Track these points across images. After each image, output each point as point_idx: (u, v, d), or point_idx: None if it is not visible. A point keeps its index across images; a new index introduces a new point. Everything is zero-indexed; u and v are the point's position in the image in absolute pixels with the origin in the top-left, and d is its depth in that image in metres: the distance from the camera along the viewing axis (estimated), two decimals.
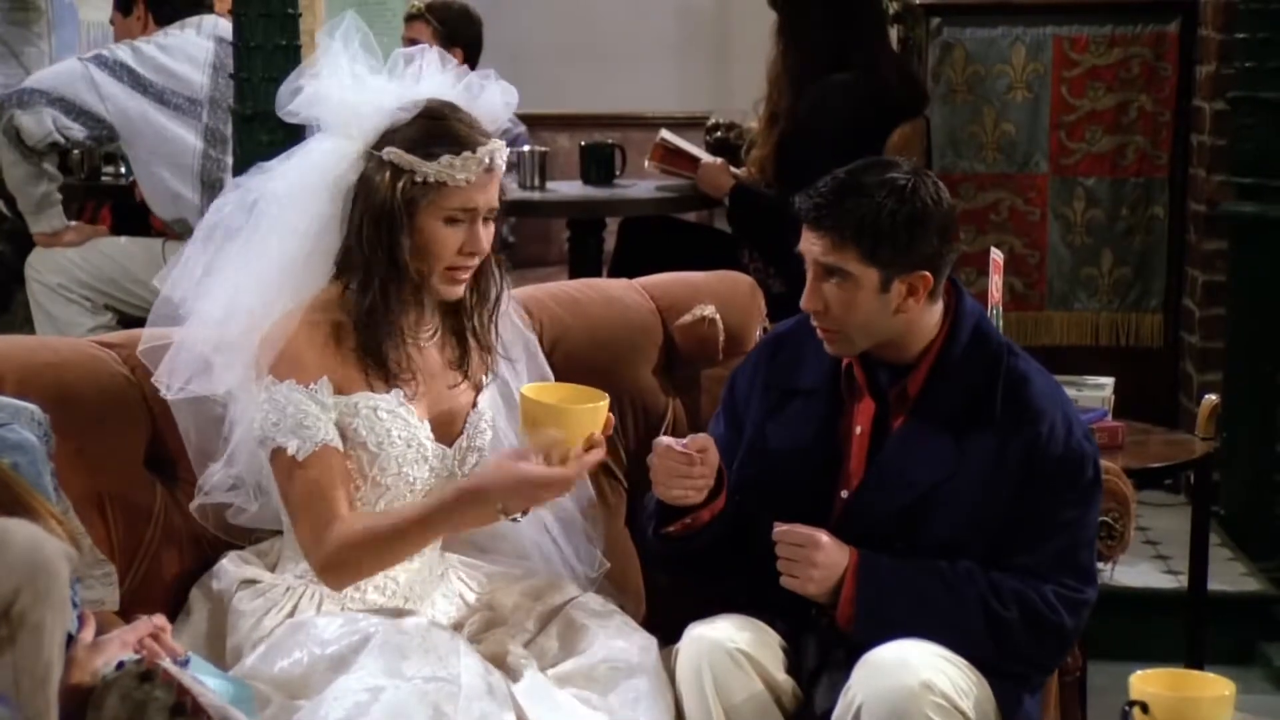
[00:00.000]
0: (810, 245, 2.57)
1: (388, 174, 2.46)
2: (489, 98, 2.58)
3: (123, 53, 4.51)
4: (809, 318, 2.65)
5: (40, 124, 4.41)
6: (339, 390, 2.48)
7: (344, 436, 2.48)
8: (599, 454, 2.46)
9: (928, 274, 2.56)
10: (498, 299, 2.61)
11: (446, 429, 2.58)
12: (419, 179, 2.46)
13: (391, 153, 2.47)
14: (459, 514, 2.46)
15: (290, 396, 2.45)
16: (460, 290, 2.54)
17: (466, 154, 2.46)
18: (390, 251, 2.47)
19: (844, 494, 2.61)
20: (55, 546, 2.01)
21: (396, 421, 2.50)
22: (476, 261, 2.53)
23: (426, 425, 2.53)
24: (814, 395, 2.65)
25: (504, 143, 2.52)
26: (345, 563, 2.46)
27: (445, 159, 2.46)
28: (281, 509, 2.52)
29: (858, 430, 2.62)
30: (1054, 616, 2.52)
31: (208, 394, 2.55)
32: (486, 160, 2.47)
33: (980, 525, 2.53)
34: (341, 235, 2.51)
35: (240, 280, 2.53)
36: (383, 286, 2.48)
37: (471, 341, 2.60)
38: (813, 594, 2.52)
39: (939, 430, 2.56)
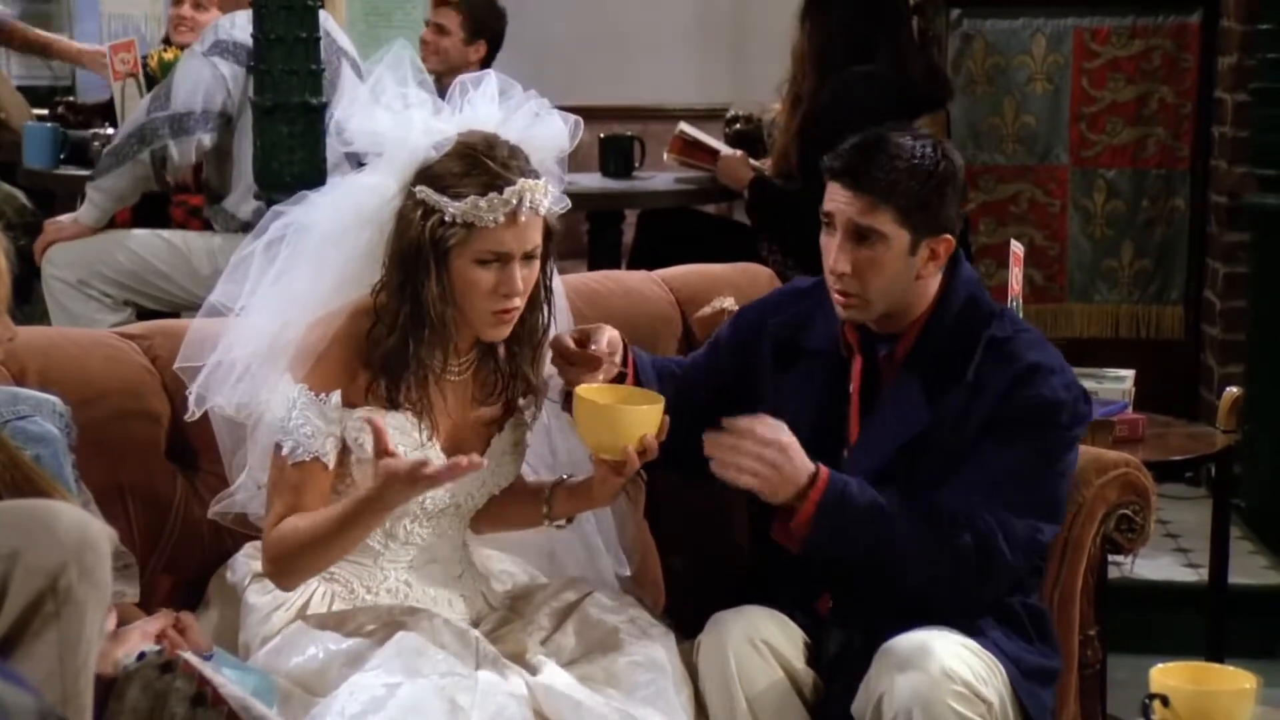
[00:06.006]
0: (842, 205, 2.56)
1: (419, 213, 2.41)
2: (548, 128, 2.50)
3: (240, 31, 4.22)
4: (823, 280, 2.65)
5: (186, 155, 4.30)
6: (349, 402, 2.45)
7: (349, 450, 2.46)
8: (651, 456, 2.45)
9: (950, 238, 2.58)
10: (545, 333, 2.54)
11: (467, 450, 2.50)
12: (447, 219, 2.39)
13: (422, 191, 2.41)
14: (374, 504, 2.37)
15: (299, 400, 2.43)
16: (506, 331, 2.47)
17: (493, 195, 2.38)
18: (415, 293, 2.41)
19: (845, 453, 2.62)
20: (100, 527, 2.04)
21: (403, 439, 2.45)
22: (519, 303, 2.45)
23: (436, 445, 2.49)
24: (819, 356, 2.67)
25: (542, 182, 2.43)
26: (277, 560, 2.44)
27: (471, 199, 2.38)
28: None
29: (852, 390, 2.65)
30: (999, 547, 2.49)
31: (236, 413, 2.53)
32: (514, 201, 2.39)
33: (960, 472, 2.53)
34: (380, 268, 2.47)
35: (271, 306, 2.50)
36: (403, 330, 2.42)
37: (507, 378, 2.54)
38: (770, 495, 2.49)
39: (918, 389, 2.58)
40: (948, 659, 2.43)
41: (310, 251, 2.51)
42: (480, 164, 2.40)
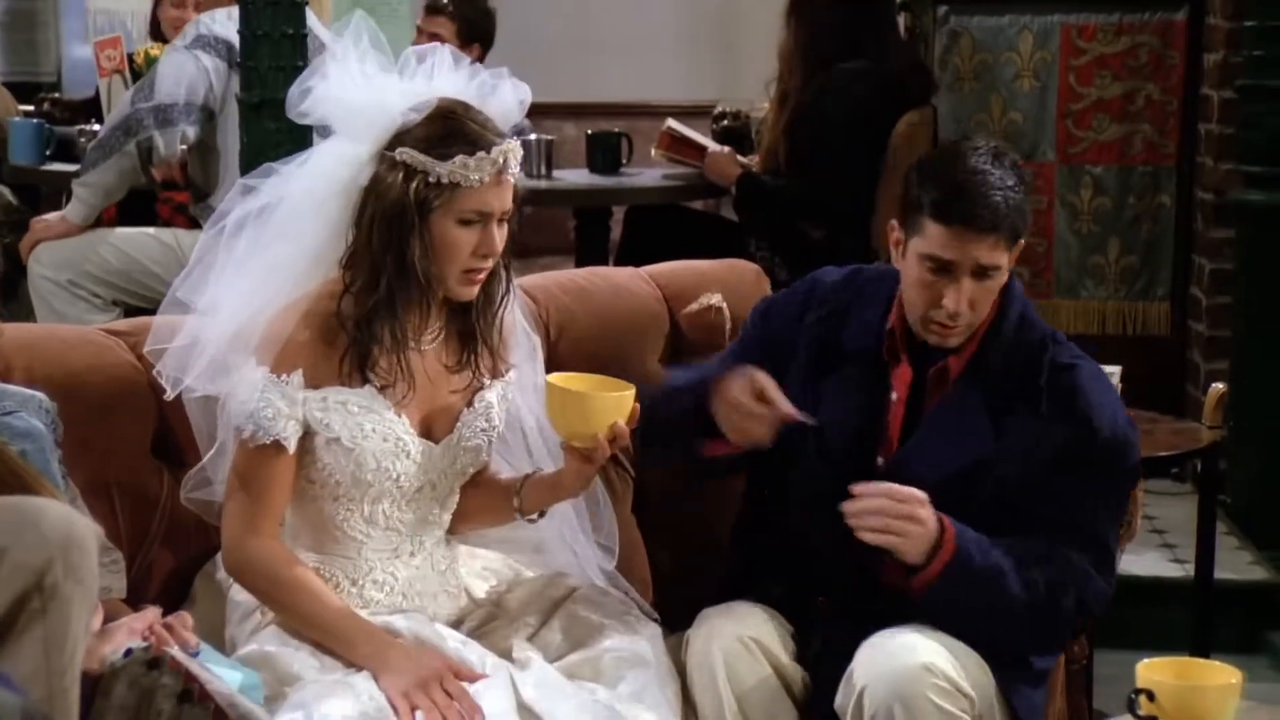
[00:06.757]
0: (969, 251, 2.50)
1: (400, 175, 2.42)
2: (501, 96, 2.53)
3: (220, 27, 4.27)
4: (852, 274, 2.66)
5: (171, 145, 4.29)
6: (313, 384, 2.45)
7: (317, 432, 2.46)
8: (622, 444, 2.46)
9: (1023, 242, 2.59)
10: (503, 300, 2.57)
11: (437, 427, 2.55)
12: (432, 179, 2.41)
13: (404, 153, 2.42)
14: (360, 646, 2.41)
15: (260, 383, 2.43)
16: (474, 291, 2.50)
17: (481, 154, 2.41)
18: (400, 254, 2.43)
19: (880, 461, 2.60)
20: (86, 524, 2.04)
21: (370, 416, 2.46)
22: (491, 263, 2.48)
23: (405, 420, 2.49)
24: (859, 358, 2.63)
25: (517, 143, 2.48)
26: (254, 585, 2.47)
27: (459, 159, 2.41)
28: None
29: (894, 396, 2.61)
30: (1092, 610, 2.56)
31: (210, 392, 2.53)
32: (500, 160, 2.43)
33: (1018, 506, 2.52)
34: (350, 237, 2.48)
35: (246, 284, 2.50)
36: (389, 289, 2.43)
37: (476, 343, 2.56)
38: (906, 553, 2.48)
39: (980, 409, 2.56)
40: (929, 654, 2.43)
41: (283, 225, 2.51)
42: (463, 125, 2.44)
